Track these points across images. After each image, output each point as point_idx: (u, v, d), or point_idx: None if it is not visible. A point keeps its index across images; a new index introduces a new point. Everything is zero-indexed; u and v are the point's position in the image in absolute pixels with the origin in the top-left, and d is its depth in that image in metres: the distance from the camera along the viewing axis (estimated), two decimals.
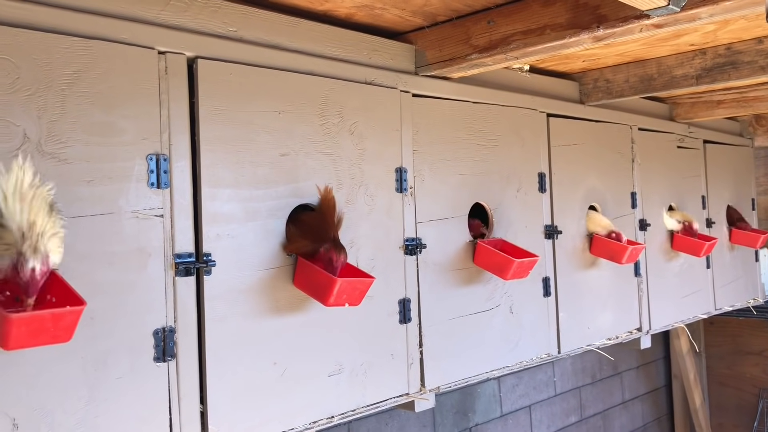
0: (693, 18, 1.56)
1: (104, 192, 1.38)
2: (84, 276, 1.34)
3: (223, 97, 1.57)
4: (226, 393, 1.55)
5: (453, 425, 3.30)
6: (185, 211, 1.50)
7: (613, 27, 1.62)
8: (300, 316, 1.70)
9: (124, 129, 1.41)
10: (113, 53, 1.41)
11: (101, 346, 1.37)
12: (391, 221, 1.94)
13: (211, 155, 1.55)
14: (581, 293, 2.60)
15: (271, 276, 1.64)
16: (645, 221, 2.96)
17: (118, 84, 1.41)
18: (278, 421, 1.65)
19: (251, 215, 1.61)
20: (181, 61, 1.51)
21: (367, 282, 1.67)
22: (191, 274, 1.50)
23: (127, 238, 1.41)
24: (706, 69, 2.36)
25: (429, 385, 2.01)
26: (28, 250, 1.14)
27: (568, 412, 4.05)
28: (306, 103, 1.74)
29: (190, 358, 1.50)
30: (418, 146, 2.03)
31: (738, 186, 3.77)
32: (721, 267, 3.55)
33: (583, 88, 2.67)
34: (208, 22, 1.58)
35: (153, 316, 1.44)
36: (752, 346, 4.70)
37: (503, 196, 2.30)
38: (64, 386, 1.32)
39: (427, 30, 1.99)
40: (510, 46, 1.81)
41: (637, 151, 2.94)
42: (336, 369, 1.78)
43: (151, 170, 1.44)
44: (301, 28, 1.76)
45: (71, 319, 1.18)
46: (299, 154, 1.72)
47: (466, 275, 2.15)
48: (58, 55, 1.33)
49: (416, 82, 2.04)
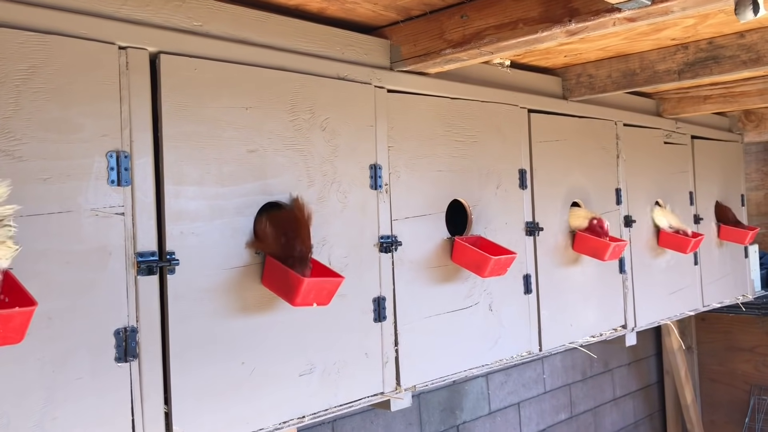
0: (665, 11, 1.53)
1: (62, 190, 1.35)
2: (41, 276, 1.32)
3: (188, 92, 1.55)
4: (191, 393, 1.53)
5: (440, 423, 3.28)
6: (147, 208, 1.47)
7: (585, 21, 1.59)
8: (269, 315, 1.68)
9: (83, 125, 1.38)
10: (71, 48, 1.38)
11: (60, 347, 1.35)
12: (366, 219, 1.91)
13: (174, 152, 1.52)
14: (564, 290, 2.57)
15: (238, 274, 1.62)
16: (630, 218, 2.93)
17: (76, 80, 1.38)
18: (246, 422, 1.63)
19: (217, 213, 1.59)
20: (143, 57, 1.49)
21: (336, 282, 1.65)
22: (154, 272, 1.47)
23: (86, 236, 1.38)
24: (688, 64, 2.33)
25: (405, 384, 1.99)
26: None
27: (558, 410, 4.03)
28: (275, 99, 1.71)
29: (153, 358, 1.48)
30: (393, 142, 2.00)
31: (727, 182, 3.75)
32: (710, 263, 3.52)
33: (565, 83, 2.64)
34: (172, 17, 1.55)
35: (114, 315, 1.42)
36: (744, 342, 4.68)
37: (482, 193, 2.27)
38: (19, 388, 1.29)
39: (401, 24, 1.96)
40: (483, 40, 1.78)
41: (622, 147, 2.92)
42: (307, 368, 1.76)
43: (111, 167, 1.41)
44: (270, 22, 1.74)
45: (21, 320, 1.16)
46: (268, 150, 1.69)
47: (444, 273, 2.13)
48: (13, 50, 1.30)
49: (391, 78, 2.01)
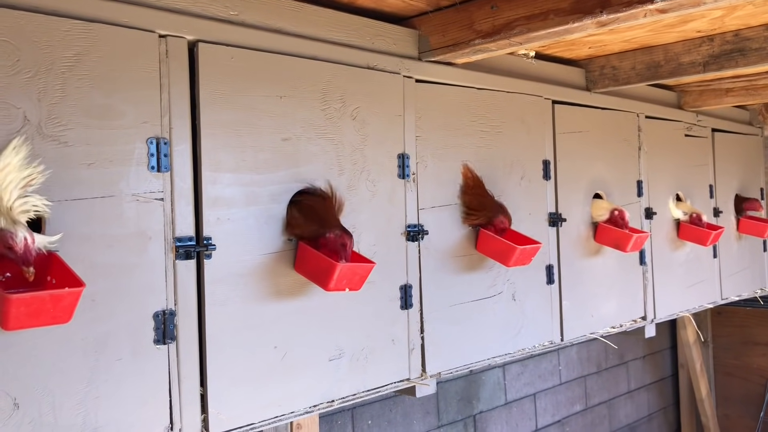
0: (697, 3, 1.54)
1: (105, 175, 1.38)
2: (85, 258, 1.35)
3: (225, 81, 1.57)
4: (226, 376, 1.57)
5: (457, 412, 3.32)
6: (185, 194, 1.50)
7: (617, 12, 1.60)
8: (301, 301, 1.71)
9: (125, 112, 1.41)
10: (114, 36, 1.41)
11: (102, 328, 1.38)
12: (393, 207, 1.94)
13: (211, 139, 1.55)
14: (585, 281, 2.59)
15: (271, 260, 1.65)
16: (651, 210, 2.94)
17: (118, 67, 1.41)
18: (278, 405, 1.66)
19: (252, 200, 1.62)
20: (182, 45, 1.51)
21: (368, 267, 1.67)
22: (191, 257, 1.50)
23: (127, 221, 1.42)
24: (714, 56, 2.33)
25: (430, 370, 2.02)
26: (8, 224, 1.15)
27: (573, 401, 4.05)
28: (308, 88, 1.74)
29: (190, 341, 1.51)
30: (421, 132, 2.02)
31: (747, 175, 3.74)
32: (728, 256, 3.52)
33: (589, 75, 2.65)
34: (210, 6, 1.58)
35: (153, 298, 1.45)
36: (760, 336, 4.67)
37: (507, 183, 2.29)
38: (65, 367, 1.33)
39: (430, 15, 1.98)
40: (513, 31, 1.79)
41: (643, 140, 2.92)
42: (336, 353, 1.79)
43: (152, 154, 1.45)
44: (304, 12, 1.76)
45: (70, 300, 1.19)
46: (300, 139, 1.72)
47: (468, 262, 2.15)
48: (59, 38, 1.33)
49: (420, 68, 2.03)
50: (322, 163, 1.76)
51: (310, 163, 1.74)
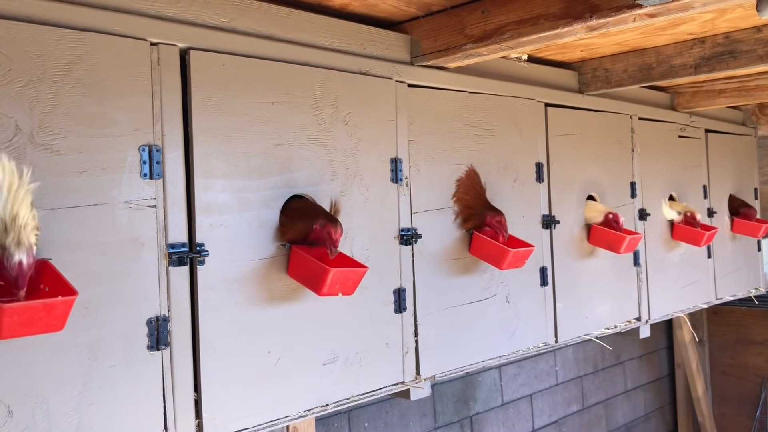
0: (686, 7, 1.55)
1: (97, 183, 1.39)
2: (77, 266, 1.36)
3: (217, 87, 1.58)
4: (220, 381, 1.57)
5: (453, 414, 3.33)
6: (178, 201, 1.51)
7: (606, 17, 1.62)
8: (294, 306, 1.72)
9: (117, 120, 1.42)
10: (105, 45, 1.42)
11: (95, 335, 1.39)
12: (386, 211, 1.95)
13: (204, 146, 1.56)
14: (579, 283, 2.60)
15: (264, 266, 1.66)
16: (645, 211, 2.95)
17: (110, 75, 1.42)
18: (272, 409, 1.67)
19: (245, 205, 1.63)
20: (174, 52, 1.52)
21: (360, 272, 1.68)
22: (184, 263, 1.51)
23: (120, 228, 1.42)
24: (705, 58, 2.34)
25: (424, 373, 2.03)
26: (12, 243, 1.15)
27: (570, 401, 4.06)
28: (300, 94, 1.75)
29: (183, 347, 1.52)
30: (413, 136, 2.03)
31: (741, 175, 3.76)
32: (723, 257, 3.54)
33: (582, 77, 2.66)
34: (201, 13, 1.58)
35: (146, 305, 1.46)
36: (755, 335, 4.69)
37: (500, 186, 2.30)
38: (58, 374, 1.34)
39: (422, 20, 1.99)
40: (504, 35, 1.80)
41: (637, 141, 2.94)
42: (330, 357, 1.79)
43: (144, 161, 1.45)
44: (294, 18, 1.77)
45: (63, 309, 1.20)
46: (293, 144, 1.73)
47: (462, 265, 2.16)
48: (51, 47, 1.34)
49: (412, 72, 2.04)
50: (314, 168, 1.77)
51: (302, 168, 1.75)
